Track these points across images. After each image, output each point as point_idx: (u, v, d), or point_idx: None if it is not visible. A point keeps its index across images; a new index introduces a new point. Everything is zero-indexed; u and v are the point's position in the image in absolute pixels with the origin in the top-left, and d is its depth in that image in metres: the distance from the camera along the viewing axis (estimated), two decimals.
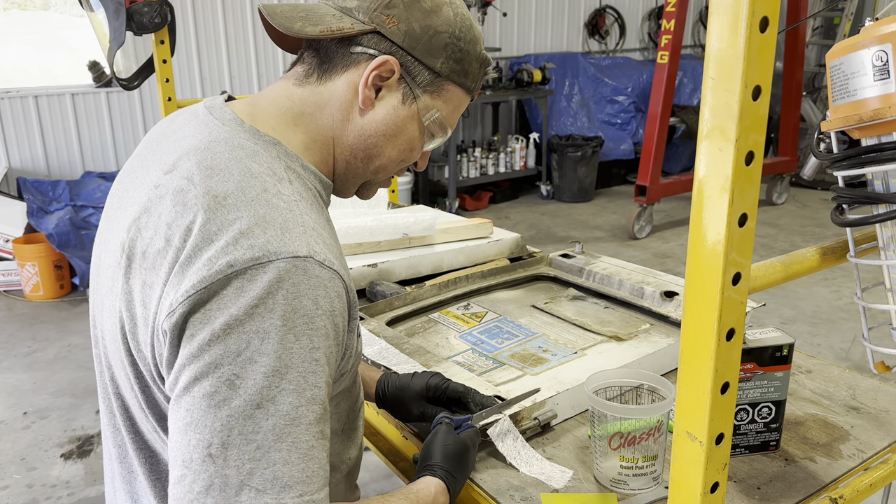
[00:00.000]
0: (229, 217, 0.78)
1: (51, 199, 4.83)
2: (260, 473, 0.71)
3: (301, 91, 0.93)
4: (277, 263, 0.75)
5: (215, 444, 0.71)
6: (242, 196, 0.80)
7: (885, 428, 1.22)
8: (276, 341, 0.73)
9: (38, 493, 2.71)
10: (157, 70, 2.56)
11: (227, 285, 0.74)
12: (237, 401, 0.72)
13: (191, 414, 0.73)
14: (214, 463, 0.71)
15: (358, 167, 0.97)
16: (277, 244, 0.76)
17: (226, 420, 0.72)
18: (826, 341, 3.81)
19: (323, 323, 0.77)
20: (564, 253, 1.93)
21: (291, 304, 0.74)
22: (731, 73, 0.57)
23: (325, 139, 0.93)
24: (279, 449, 0.72)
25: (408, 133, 0.95)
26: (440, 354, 1.45)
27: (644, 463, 1.06)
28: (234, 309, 0.73)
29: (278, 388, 0.73)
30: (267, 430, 0.72)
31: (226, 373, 0.72)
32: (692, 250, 0.63)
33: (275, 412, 0.72)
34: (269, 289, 0.74)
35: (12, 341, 4.01)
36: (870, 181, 0.81)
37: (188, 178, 0.83)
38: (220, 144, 0.86)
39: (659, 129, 5.28)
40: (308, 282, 0.76)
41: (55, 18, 6.68)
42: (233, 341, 0.73)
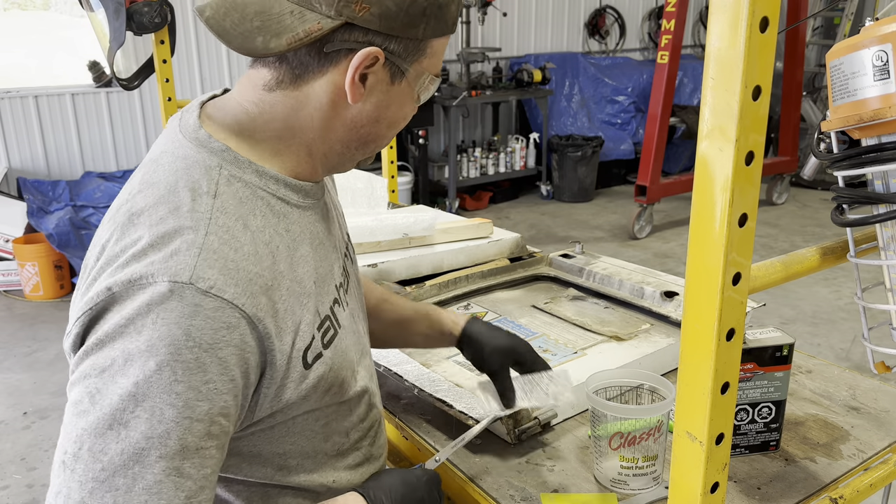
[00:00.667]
0: (133, 237, 0.77)
1: (51, 199, 4.84)
2: (100, 496, 0.70)
3: (271, 97, 0.84)
4: (155, 287, 0.72)
5: (69, 453, 0.72)
6: (153, 214, 0.78)
7: (886, 428, 1.22)
8: (137, 366, 0.71)
9: (38, 494, 2.71)
10: (157, 70, 2.56)
11: (109, 307, 0.74)
12: (93, 415, 0.71)
13: (64, 418, 0.75)
14: (64, 472, 0.72)
15: (354, 154, 0.91)
16: (160, 266, 0.73)
17: (80, 432, 0.72)
18: (826, 341, 3.81)
19: (194, 356, 0.72)
20: (564, 253, 1.93)
21: (159, 330, 0.71)
22: (731, 73, 0.57)
23: (302, 141, 0.87)
24: (124, 475, 0.70)
25: (401, 106, 0.89)
26: (440, 354, 1.45)
27: (644, 463, 1.06)
28: (108, 326, 0.73)
29: (132, 413, 0.70)
30: (114, 454, 0.70)
31: (90, 385, 0.72)
32: (692, 250, 0.63)
33: (125, 437, 0.70)
34: (139, 310, 0.72)
35: (12, 341, 4.01)
36: (870, 181, 0.81)
37: (128, 193, 0.83)
38: (167, 156, 0.84)
39: (659, 129, 5.28)
40: (182, 309, 0.72)
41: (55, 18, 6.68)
42: (101, 356, 0.73)
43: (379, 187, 2.31)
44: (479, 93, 5.99)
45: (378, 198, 2.30)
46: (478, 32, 6.60)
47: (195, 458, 0.73)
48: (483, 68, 6.55)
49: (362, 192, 2.28)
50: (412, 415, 1.31)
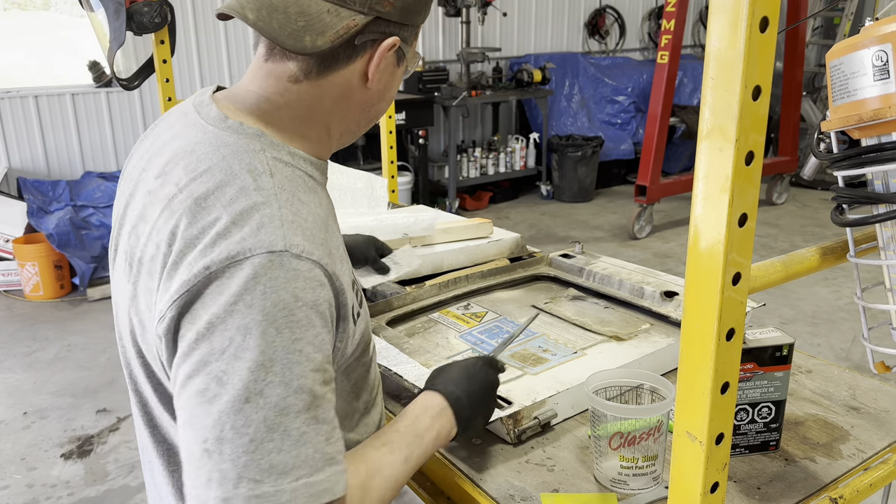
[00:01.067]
0: (209, 219, 0.81)
1: (51, 199, 4.83)
2: (255, 464, 0.73)
3: (297, 87, 0.91)
4: (253, 259, 0.77)
5: (210, 440, 0.74)
6: (222, 196, 0.82)
7: (885, 428, 1.22)
8: (257, 336, 0.75)
9: (38, 493, 2.71)
10: (157, 70, 2.56)
11: (207, 286, 0.77)
12: (226, 396, 0.74)
13: (186, 412, 0.76)
14: (211, 458, 0.73)
15: (359, 131, 1.01)
16: (253, 241, 0.78)
17: (217, 416, 0.74)
18: (826, 341, 3.81)
19: (304, 314, 0.78)
20: (564, 253, 1.93)
21: (270, 298, 0.76)
22: (731, 73, 0.57)
23: (325, 125, 0.95)
24: (271, 439, 0.74)
25: (396, 86, 1.00)
26: (440, 354, 1.45)
27: (644, 463, 1.06)
28: (216, 307, 0.76)
29: (265, 381, 0.74)
30: (258, 423, 0.74)
31: (213, 370, 0.75)
32: (692, 250, 0.63)
33: (263, 405, 0.74)
34: (245, 285, 0.76)
35: (12, 341, 4.01)
36: (870, 181, 0.81)
37: (176, 184, 0.86)
38: (204, 146, 0.88)
39: (659, 129, 5.28)
40: (285, 275, 0.77)
41: (55, 18, 6.68)
42: (217, 339, 0.75)
43: (379, 187, 2.31)
44: (479, 93, 5.99)
45: (378, 198, 2.30)
46: (478, 32, 6.60)
47: (323, 402, 0.79)
48: (483, 68, 6.55)
49: (362, 192, 2.28)
50: None
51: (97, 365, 3.70)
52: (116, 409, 3.27)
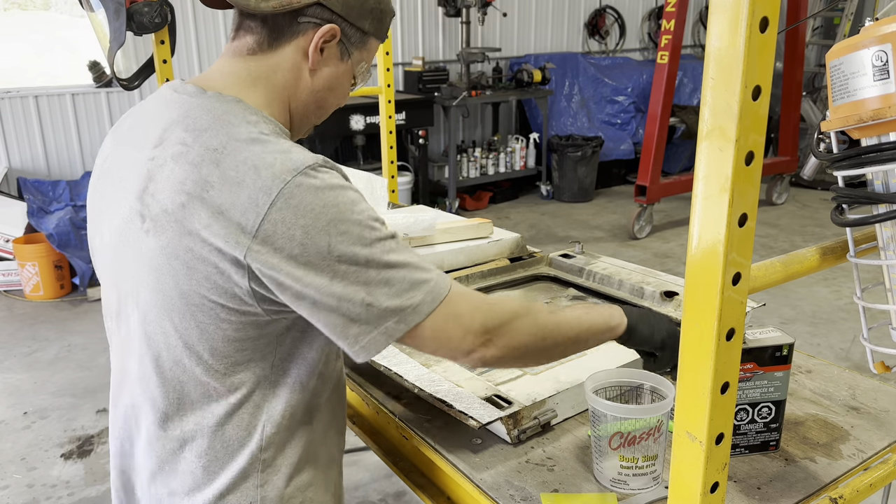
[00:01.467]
0: (238, 159, 0.91)
1: (51, 199, 4.84)
2: (412, 274, 0.93)
3: (254, 60, 1.04)
4: (297, 178, 0.89)
5: (370, 287, 0.90)
6: (236, 142, 0.93)
7: (885, 428, 1.22)
8: (339, 221, 0.89)
9: (38, 493, 2.71)
10: (158, 70, 2.55)
11: (276, 210, 0.88)
12: (352, 269, 0.89)
13: (328, 295, 0.89)
14: (376, 293, 0.90)
15: (310, 118, 1.12)
16: (291, 161, 0.90)
17: (367, 277, 0.90)
18: (826, 341, 3.81)
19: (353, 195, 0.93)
20: (564, 253, 1.93)
21: (329, 195, 0.90)
22: (731, 73, 0.57)
23: (282, 97, 1.06)
24: (404, 265, 0.93)
25: (345, 83, 1.11)
26: None
27: (644, 463, 1.06)
28: (303, 220, 0.88)
29: (379, 231, 0.92)
30: (394, 255, 0.92)
31: (327, 259, 0.88)
32: (692, 250, 0.63)
33: (386, 246, 0.92)
34: (307, 195, 0.88)
35: (12, 341, 4.01)
36: (870, 181, 0.81)
37: (182, 143, 0.95)
38: (196, 111, 0.98)
39: (659, 129, 5.28)
40: (326, 177, 0.91)
41: (55, 18, 6.68)
42: (319, 238, 0.88)
43: (379, 187, 2.31)
44: (479, 93, 5.98)
45: (378, 198, 2.30)
46: (478, 32, 6.60)
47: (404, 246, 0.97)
48: (483, 68, 6.55)
49: (362, 192, 2.27)
50: (412, 415, 1.31)
51: (97, 365, 3.70)
52: None
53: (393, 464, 1.32)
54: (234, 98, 1.00)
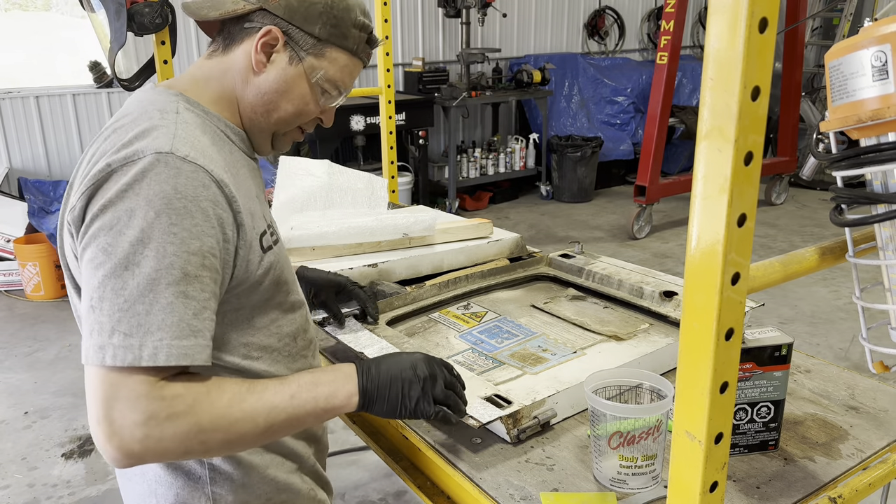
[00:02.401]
0: (120, 138, 0.96)
1: (52, 199, 4.84)
2: (127, 321, 0.87)
3: (209, 62, 1.12)
4: (145, 159, 0.92)
5: (95, 298, 0.89)
6: (133, 123, 0.98)
7: (884, 427, 1.22)
8: (140, 217, 0.89)
9: (38, 493, 2.71)
10: (158, 71, 2.56)
11: (107, 179, 0.92)
12: (109, 264, 0.88)
13: (83, 279, 0.91)
14: (94, 313, 0.88)
15: (260, 120, 1.13)
16: (146, 145, 0.93)
17: (101, 279, 0.88)
18: (825, 341, 3.81)
19: (182, 205, 0.91)
20: (564, 253, 1.93)
21: (153, 188, 0.90)
22: (731, 73, 0.58)
23: (230, 97, 1.11)
24: (142, 302, 0.88)
25: (298, 89, 1.11)
26: (440, 354, 1.45)
27: (643, 462, 1.07)
28: (110, 194, 0.91)
29: (142, 254, 0.88)
30: (132, 288, 0.88)
31: (101, 242, 0.89)
32: (691, 250, 0.64)
33: (138, 273, 0.88)
34: (136, 177, 0.91)
35: (13, 341, 4.01)
36: (869, 181, 0.81)
37: (107, 127, 1.03)
38: (133, 103, 1.06)
39: (658, 130, 5.28)
40: (168, 171, 0.92)
41: (56, 19, 6.68)
42: (107, 217, 0.90)
43: (379, 188, 2.31)
44: (478, 93, 5.98)
45: (378, 198, 2.30)
46: (477, 33, 6.60)
47: (196, 283, 0.91)
48: (483, 69, 6.55)
49: (362, 192, 2.28)
50: None
51: None
52: None
53: (395, 462, 1.33)
54: (176, 92, 1.07)
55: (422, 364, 1.09)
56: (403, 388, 1.07)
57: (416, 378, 1.07)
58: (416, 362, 1.09)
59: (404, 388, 1.07)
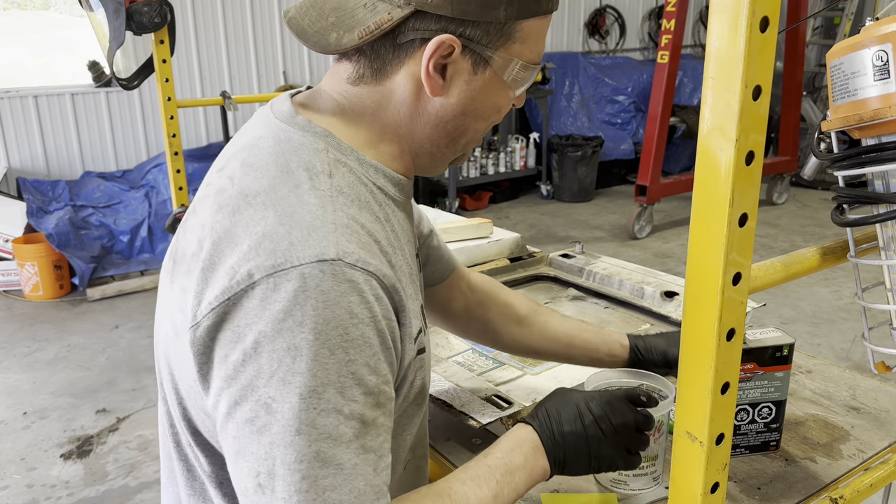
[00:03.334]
0: (255, 217, 0.74)
1: (50, 198, 4.83)
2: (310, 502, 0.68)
3: (357, 90, 0.83)
4: (302, 269, 0.69)
5: (263, 474, 0.69)
6: (273, 194, 0.75)
7: (886, 428, 1.22)
8: (309, 358, 0.68)
9: (37, 493, 2.71)
10: (157, 70, 2.55)
11: (250, 296, 0.70)
12: (276, 426, 0.68)
13: (238, 441, 0.71)
14: (264, 494, 0.69)
15: (445, 153, 0.89)
16: (302, 247, 0.71)
17: (268, 447, 0.68)
18: (826, 341, 3.81)
19: (361, 332, 0.71)
20: (564, 253, 1.93)
21: (322, 314, 0.69)
22: (732, 72, 0.57)
23: (394, 136, 0.85)
24: (325, 476, 0.68)
25: (490, 98, 0.84)
26: (440, 354, 1.45)
27: (644, 463, 1.06)
28: (262, 324, 0.69)
29: (316, 409, 0.68)
30: (310, 458, 0.68)
31: (262, 396, 0.69)
32: (692, 250, 0.63)
33: (316, 437, 0.68)
34: (295, 299, 0.69)
35: (12, 341, 4.01)
36: (870, 181, 0.81)
37: (230, 178, 0.80)
38: (266, 140, 0.82)
39: (659, 129, 5.28)
40: (338, 288, 0.70)
41: (55, 18, 6.68)
42: (265, 361, 0.69)
43: None
44: None
45: None
46: None
47: (373, 430, 0.72)
48: None
49: None
50: None
51: (97, 365, 3.70)
52: (116, 410, 3.27)
53: None
54: (323, 130, 0.82)
55: (603, 414, 0.91)
56: (591, 449, 0.90)
57: (599, 433, 0.91)
58: (600, 421, 0.91)
59: (592, 448, 0.90)
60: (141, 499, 2.67)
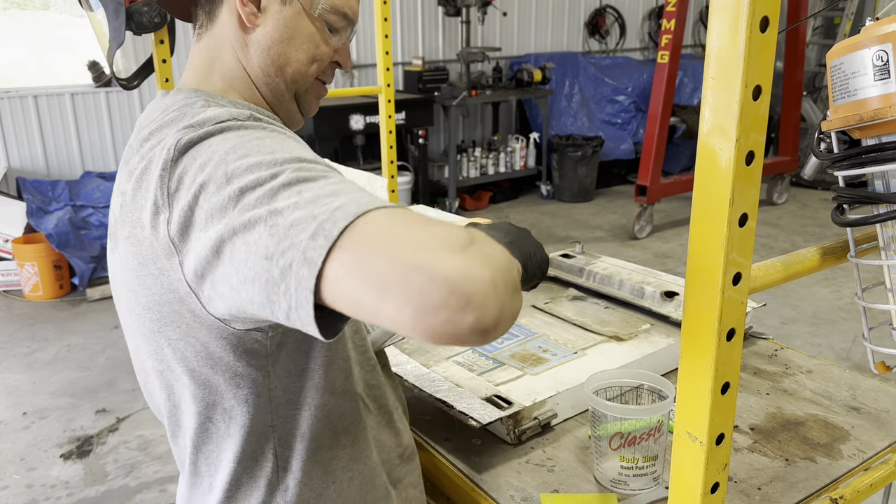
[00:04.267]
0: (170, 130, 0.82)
1: (50, 199, 4.83)
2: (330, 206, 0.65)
3: (201, 43, 0.96)
4: (210, 128, 0.79)
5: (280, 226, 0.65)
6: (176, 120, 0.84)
7: (886, 428, 1.22)
8: (248, 143, 0.75)
9: (37, 494, 2.71)
10: (157, 70, 2.55)
11: (189, 152, 0.77)
12: (258, 191, 0.68)
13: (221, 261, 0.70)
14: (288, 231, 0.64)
15: (277, 83, 0.96)
16: (215, 115, 0.80)
17: (293, 208, 0.66)
18: (826, 341, 3.81)
19: (285, 133, 0.81)
20: (565, 253, 1.93)
21: (238, 134, 0.78)
22: (732, 72, 0.57)
23: (240, 74, 0.95)
24: (328, 191, 0.67)
25: (303, 31, 0.94)
26: (440, 354, 1.45)
27: (644, 463, 1.06)
28: (196, 154, 0.75)
29: (282, 163, 0.71)
30: (310, 196, 0.67)
31: (229, 191, 0.70)
32: (692, 250, 0.63)
33: (299, 170, 0.70)
34: (216, 129, 0.78)
35: (12, 341, 4.01)
36: (870, 181, 0.81)
37: (130, 145, 0.89)
38: (151, 111, 0.93)
39: (659, 129, 5.28)
40: (241, 128, 0.79)
41: (55, 18, 6.68)
42: (215, 170, 0.72)
43: (379, 187, 2.31)
44: (479, 92, 5.98)
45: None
46: (478, 32, 6.60)
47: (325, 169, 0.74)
48: (483, 68, 6.54)
49: None
50: (412, 415, 1.30)
51: (96, 365, 3.70)
52: (116, 410, 3.27)
53: None
54: (193, 90, 0.93)
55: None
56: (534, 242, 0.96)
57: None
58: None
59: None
60: (141, 499, 2.67)
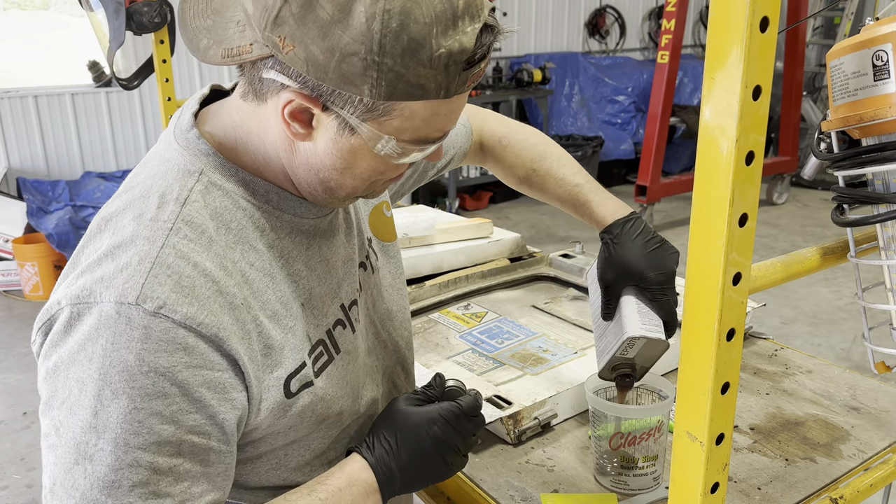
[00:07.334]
0: (97, 244, 0.74)
1: (50, 199, 4.83)
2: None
3: (246, 106, 0.77)
4: (102, 307, 0.68)
5: (47, 487, 0.71)
6: (119, 221, 0.74)
7: (886, 428, 1.22)
8: (92, 396, 0.68)
9: (37, 494, 2.71)
10: (157, 70, 2.55)
11: (59, 321, 0.71)
12: (60, 450, 0.70)
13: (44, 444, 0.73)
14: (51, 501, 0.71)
15: (326, 198, 0.82)
16: (109, 283, 0.69)
17: (52, 468, 0.70)
18: (826, 341, 3.81)
19: (152, 381, 0.68)
20: (564, 253, 1.93)
21: (110, 356, 0.67)
22: (732, 72, 0.57)
23: (278, 167, 0.80)
24: None
25: (364, 162, 0.76)
26: (440, 354, 1.45)
27: (644, 463, 1.06)
28: (63, 350, 0.70)
29: (95, 446, 0.68)
30: (85, 489, 0.68)
31: (54, 417, 0.70)
32: (692, 250, 0.63)
33: (91, 472, 0.68)
34: (88, 335, 0.68)
35: (12, 341, 4.01)
36: (870, 181, 0.81)
37: (121, 191, 0.80)
38: (153, 158, 0.81)
39: (659, 129, 5.28)
40: (131, 333, 0.68)
41: (55, 18, 6.68)
42: (60, 385, 0.70)
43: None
44: (478, 93, 5.98)
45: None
46: None
47: (169, 476, 0.70)
48: None
49: None
50: None
51: None
52: None
53: None
54: (209, 149, 0.78)
55: (446, 444, 0.86)
56: (432, 473, 0.87)
57: (441, 460, 0.87)
58: (441, 446, 0.86)
59: (433, 473, 0.87)
60: None
